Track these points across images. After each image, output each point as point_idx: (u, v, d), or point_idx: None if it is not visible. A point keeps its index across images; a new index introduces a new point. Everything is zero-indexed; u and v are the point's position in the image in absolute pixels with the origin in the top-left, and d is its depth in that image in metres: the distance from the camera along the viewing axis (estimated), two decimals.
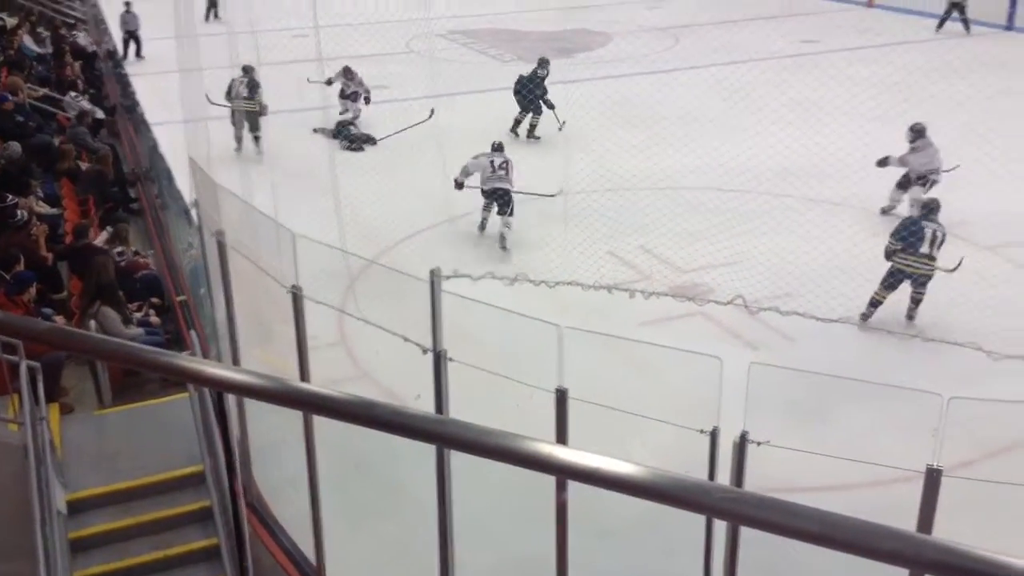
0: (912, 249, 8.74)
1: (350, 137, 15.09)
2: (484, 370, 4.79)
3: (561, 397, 4.32)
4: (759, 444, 4.01)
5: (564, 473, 1.30)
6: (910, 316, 8.98)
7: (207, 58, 11.82)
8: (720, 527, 4.29)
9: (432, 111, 14.24)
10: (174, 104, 12.61)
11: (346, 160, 13.81)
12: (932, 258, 8.72)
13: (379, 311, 5.56)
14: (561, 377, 4.31)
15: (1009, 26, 22.43)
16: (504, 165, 11.43)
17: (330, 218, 10.23)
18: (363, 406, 1.40)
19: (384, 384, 7.81)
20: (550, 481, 4.50)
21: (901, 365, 7.45)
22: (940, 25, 21.75)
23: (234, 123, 14.33)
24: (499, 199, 11.23)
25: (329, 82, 15.37)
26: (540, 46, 18.75)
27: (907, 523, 4.07)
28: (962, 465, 6.37)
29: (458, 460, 4.82)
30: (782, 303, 8.91)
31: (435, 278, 4.82)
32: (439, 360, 4.77)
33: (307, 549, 6.05)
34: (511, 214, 11.15)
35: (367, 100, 15.79)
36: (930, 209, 9.22)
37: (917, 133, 11.52)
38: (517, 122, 15.31)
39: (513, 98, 15.34)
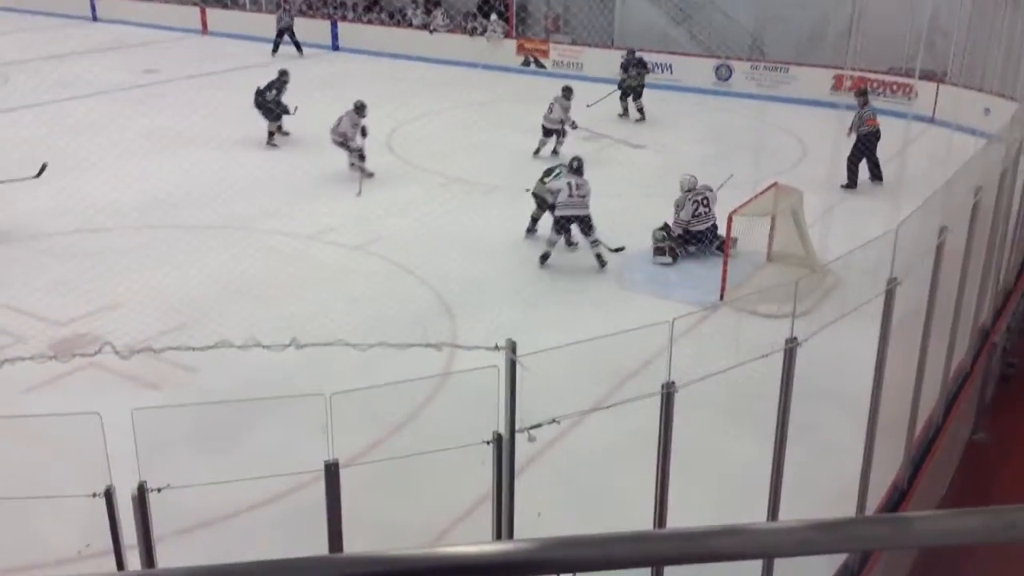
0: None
1: None
2: None
3: None
4: (160, 491, 3.82)
5: None
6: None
7: None
8: None
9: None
10: None
11: None
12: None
13: None
14: None
15: (335, 46, 24.71)
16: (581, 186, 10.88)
17: None
18: None
19: None
20: None
21: (294, 373, 7.77)
22: (275, 49, 23.03)
23: None
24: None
25: None
26: None
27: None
28: (369, 448, 6.94)
29: None
30: (175, 336, 8.69)
31: None
32: None
33: None
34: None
35: None
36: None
37: None
38: None
39: None
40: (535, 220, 11.50)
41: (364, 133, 13.49)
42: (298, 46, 23.07)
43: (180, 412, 4.15)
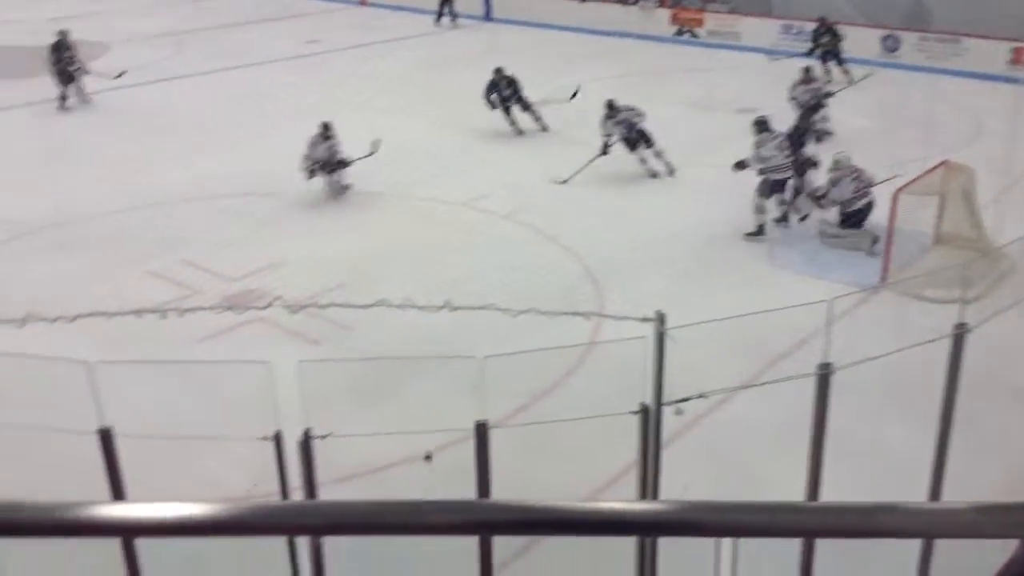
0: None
1: None
2: (14, 427, 4.26)
3: (105, 437, 3.98)
4: (323, 438, 4.05)
5: (129, 532, 1.14)
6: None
7: None
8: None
9: None
10: None
11: None
12: None
13: None
14: (102, 417, 3.97)
15: (488, 16, 24.90)
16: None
17: None
18: None
19: None
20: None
21: (447, 335, 8.00)
22: (438, 18, 23.46)
23: None
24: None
25: None
26: (32, 62, 16.90)
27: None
28: (514, 413, 7.09)
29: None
30: (336, 295, 9.10)
31: None
32: None
33: None
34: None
35: None
36: None
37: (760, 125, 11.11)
38: None
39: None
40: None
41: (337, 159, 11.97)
42: (454, 16, 23.41)
43: (341, 366, 4.38)
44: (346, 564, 4.38)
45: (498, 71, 14.49)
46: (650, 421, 4.16)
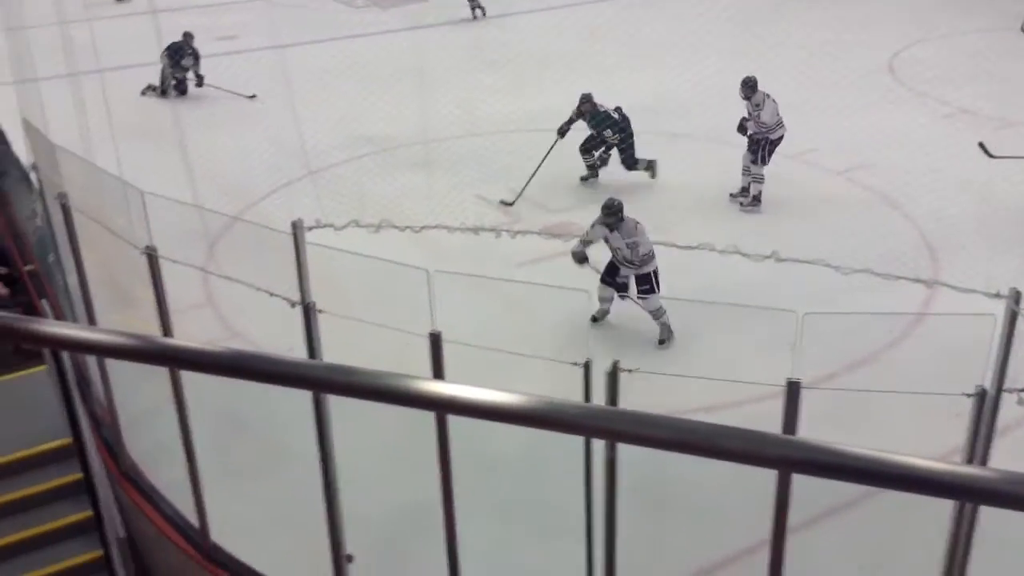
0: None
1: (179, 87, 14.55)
2: (355, 319, 4.72)
3: (435, 341, 4.31)
4: (630, 372, 4.10)
5: (443, 408, 1.29)
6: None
7: (32, 15, 11.06)
8: (599, 454, 4.39)
9: (254, 95, 13.94)
10: (1, 64, 11.76)
11: (193, 117, 13.22)
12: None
13: (243, 268, 5.39)
14: (433, 321, 4.29)
15: None
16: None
17: (180, 176, 9.81)
18: (230, 358, 1.34)
19: (256, 342, 7.62)
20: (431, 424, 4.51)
21: (759, 286, 7.76)
22: None
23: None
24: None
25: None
26: None
27: None
28: (822, 379, 6.76)
29: (337, 409, 4.76)
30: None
31: (297, 230, 4.70)
32: (308, 312, 4.68)
33: (190, 515, 5.90)
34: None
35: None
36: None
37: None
38: None
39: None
40: None
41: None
42: None
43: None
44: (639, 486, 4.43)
45: None
46: (986, 406, 3.78)
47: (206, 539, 5.77)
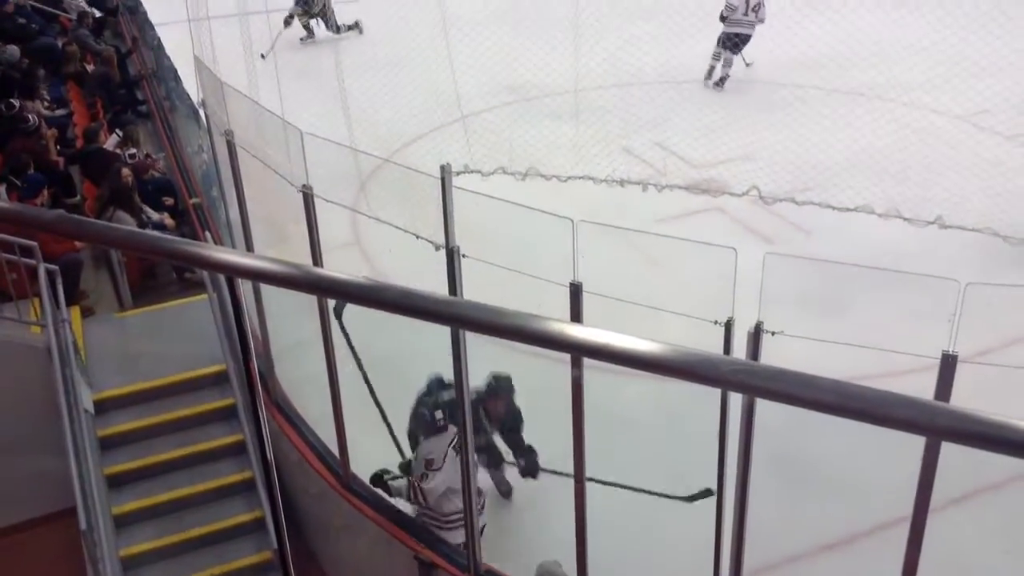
0: None
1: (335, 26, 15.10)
2: (498, 265, 4.77)
3: (575, 291, 4.31)
4: (773, 334, 4.00)
5: (577, 350, 1.29)
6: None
7: None
8: (735, 413, 4.32)
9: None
10: (176, 2, 12.34)
11: (352, 59, 13.54)
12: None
13: (391, 210, 5.52)
14: (575, 271, 4.29)
15: None
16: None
17: (338, 117, 10.10)
18: (374, 289, 1.39)
19: (399, 282, 7.83)
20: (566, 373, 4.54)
21: (918, 254, 7.39)
22: None
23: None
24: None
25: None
26: None
27: None
28: (980, 353, 6.41)
29: (474, 349, 4.84)
30: (799, 196, 8.82)
31: (446, 174, 4.76)
32: (452, 256, 4.76)
33: (332, 444, 6.18)
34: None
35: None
36: None
37: None
38: None
39: None
40: None
41: None
42: None
43: (802, 266, 4.25)
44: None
45: None
46: None
47: (346, 468, 6.03)
